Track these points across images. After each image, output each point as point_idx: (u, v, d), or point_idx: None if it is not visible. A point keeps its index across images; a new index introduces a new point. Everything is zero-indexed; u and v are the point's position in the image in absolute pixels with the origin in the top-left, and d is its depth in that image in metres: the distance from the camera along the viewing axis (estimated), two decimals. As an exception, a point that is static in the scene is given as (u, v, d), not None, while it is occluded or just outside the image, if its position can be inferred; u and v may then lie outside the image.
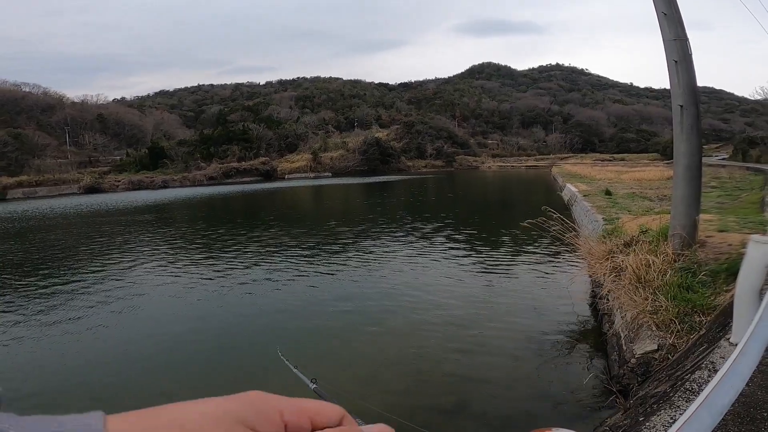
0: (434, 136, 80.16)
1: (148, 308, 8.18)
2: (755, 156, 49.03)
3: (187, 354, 6.22)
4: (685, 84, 5.52)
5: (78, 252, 14.43)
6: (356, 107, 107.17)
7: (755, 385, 2.35)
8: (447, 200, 27.91)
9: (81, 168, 60.48)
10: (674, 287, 4.58)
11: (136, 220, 22.22)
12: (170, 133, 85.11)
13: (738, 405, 2.15)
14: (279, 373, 3.84)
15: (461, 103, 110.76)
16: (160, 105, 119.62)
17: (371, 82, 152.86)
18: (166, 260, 12.18)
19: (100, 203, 34.26)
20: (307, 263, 11.18)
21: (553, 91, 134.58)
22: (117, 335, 6.90)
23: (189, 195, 38.63)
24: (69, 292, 9.34)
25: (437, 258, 11.12)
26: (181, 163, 61.67)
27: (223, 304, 8.28)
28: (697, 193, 5.55)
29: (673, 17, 5.75)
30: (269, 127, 76.71)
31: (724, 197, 15.08)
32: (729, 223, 7.77)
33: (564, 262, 9.69)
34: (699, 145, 5.61)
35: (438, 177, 53.64)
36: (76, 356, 6.16)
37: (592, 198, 15.68)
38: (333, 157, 69.45)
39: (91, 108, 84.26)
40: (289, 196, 35.74)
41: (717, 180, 22.63)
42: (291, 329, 7.05)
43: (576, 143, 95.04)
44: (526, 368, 5.34)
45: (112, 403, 4.85)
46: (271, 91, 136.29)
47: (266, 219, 20.80)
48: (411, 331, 6.62)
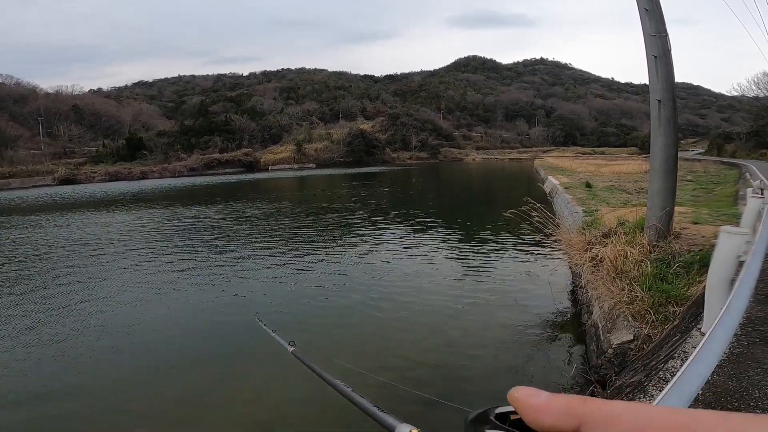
0: (419, 128, 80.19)
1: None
2: (730, 151, 50.54)
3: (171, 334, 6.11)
4: (663, 79, 5.58)
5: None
6: (341, 99, 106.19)
7: (726, 375, 2.38)
8: (431, 192, 27.96)
9: (56, 159, 58.61)
10: (649, 278, 4.66)
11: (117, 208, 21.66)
12: (149, 124, 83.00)
13: (709, 395, 2.17)
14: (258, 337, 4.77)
15: (446, 96, 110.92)
16: (139, 96, 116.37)
17: (357, 74, 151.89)
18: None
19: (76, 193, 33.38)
20: (288, 253, 11.07)
21: (537, 84, 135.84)
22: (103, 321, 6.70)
23: (167, 185, 37.87)
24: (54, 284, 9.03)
25: (419, 249, 11.13)
26: (160, 154, 60.30)
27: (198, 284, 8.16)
28: (673, 186, 5.64)
29: (654, 13, 5.79)
30: (252, 119, 75.54)
31: (699, 190, 15.48)
32: (703, 215, 7.96)
33: (545, 254, 9.80)
34: (675, 140, 5.69)
35: (422, 169, 53.74)
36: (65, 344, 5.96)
37: (572, 190, 15.90)
38: (317, 148, 68.89)
39: (66, 98, 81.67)
40: (273, 185, 35.30)
41: (692, 174, 23.23)
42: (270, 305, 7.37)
43: (558, 137, 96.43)
44: (506, 359, 5.38)
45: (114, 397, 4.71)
46: (255, 82, 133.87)
47: (247, 210, 20.51)
48: (388, 325, 6.61)
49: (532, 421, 0.30)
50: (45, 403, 4.73)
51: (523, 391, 0.31)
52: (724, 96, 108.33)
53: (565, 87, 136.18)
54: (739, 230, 2.75)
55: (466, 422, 0.33)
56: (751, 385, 2.31)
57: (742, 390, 2.25)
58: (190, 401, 4.72)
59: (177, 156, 60.45)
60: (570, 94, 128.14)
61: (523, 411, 0.30)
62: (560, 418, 0.29)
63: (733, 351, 2.63)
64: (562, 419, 0.28)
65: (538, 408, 0.30)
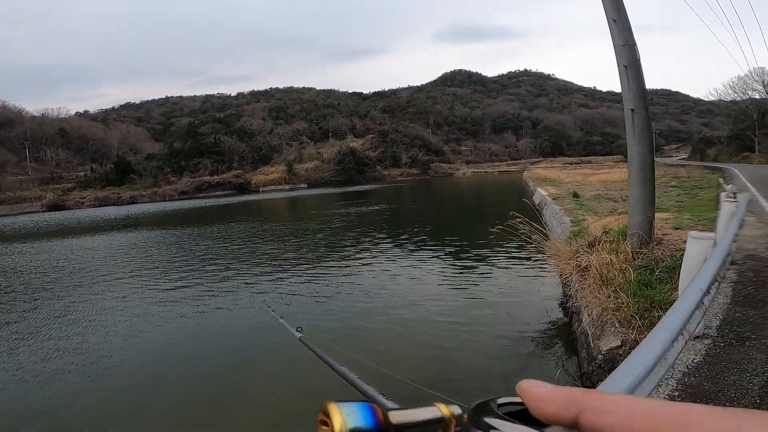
0: (409, 144, 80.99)
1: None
2: (713, 155, 51.78)
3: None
4: (635, 88, 5.75)
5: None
6: (330, 117, 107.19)
7: (702, 377, 2.46)
8: (423, 208, 28.14)
9: (43, 185, 58.10)
10: (633, 284, 4.78)
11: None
12: (137, 147, 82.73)
13: (686, 396, 2.25)
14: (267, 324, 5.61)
15: (434, 111, 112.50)
16: (126, 118, 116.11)
17: (345, 92, 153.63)
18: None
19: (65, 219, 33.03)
20: (289, 269, 11.07)
21: (522, 96, 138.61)
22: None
23: (158, 209, 37.65)
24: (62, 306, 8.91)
25: (412, 264, 11.19)
26: (150, 177, 60.05)
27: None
28: (651, 193, 5.80)
29: (621, 24, 5.96)
30: (242, 139, 75.73)
31: (683, 195, 15.81)
32: (684, 220, 8.16)
33: (536, 265, 9.92)
34: (651, 147, 5.89)
35: (414, 185, 54.11)
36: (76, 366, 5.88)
37: (560, 201, 16.15)
38: (308, 168, 69.12)
39: (53, 122, 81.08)
40: (265, 206, 35.27)
41: (677, 179, 23.68)
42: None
43: (545, 147, 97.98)
44: (500, 370, 5.42)
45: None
46: (243, 102, 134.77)
47: (243, 229, 20.46)
48: (381, 338, 6.63)
49: (536, 410, 0.32)
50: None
51: (529, 382, 0.34)
52: (703, 101, 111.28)
53: (550, 98, 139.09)
54: (704, 235, 2.88)
55: (470, 410, 0.35)
56: (728, 385, 2.39)
57: (719, 391, 2.34)
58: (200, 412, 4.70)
59: (167, 179, 60.24)
60: (555, 105, 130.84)
61: (529, 400, 0.33)
62: (561, 406, 0.31)
63: (709, 352, 2.72)
64: (563, 408, 0.31)
65: (542, 397, 0.32)
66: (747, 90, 50.08)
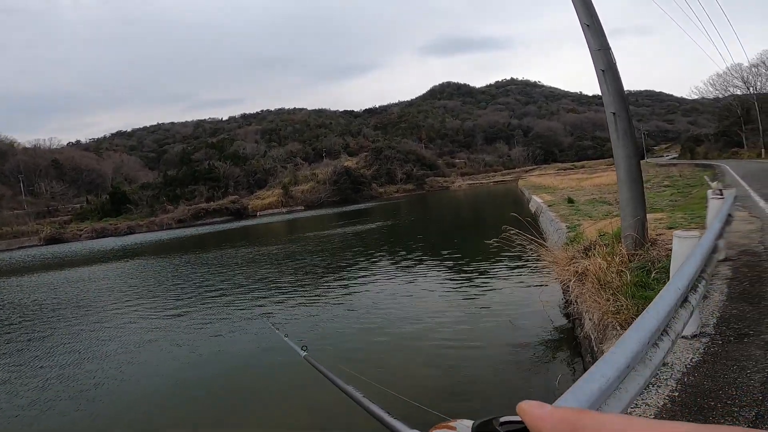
0: (403, 160, 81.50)
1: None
2: (702, 153, 52.43)
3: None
4: (614, 91, 5.84)
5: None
6: (323, 137, 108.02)
7: (702, 375, 2.48)
8: (421, 223, 28.21)
9: (39, 218, 57.92)
10: (631, 286, 4.81)
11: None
12: (132, 176, 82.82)
13: (686, 395, 2.27)
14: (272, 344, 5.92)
15: (426, 125, 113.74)
16: (119, 147, 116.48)
17: (336, 110, 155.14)
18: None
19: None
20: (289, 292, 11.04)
21: (512, 105, 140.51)
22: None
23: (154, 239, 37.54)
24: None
25: (413, 278, 11.19)
26: (146, 207, 60.06)
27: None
28: (640, 194, 5.86)
29: (595, 28, 5.99)
30: (236, 164, 76.05)
31: (676, 195, 15.95)
32: (678, 219, 8.24)
33: (535, 273, 9.93)
34: (635, 149, 5.97)
35: (411, 201, 54.26)
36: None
37: (556, 207, 16.26)
38: (304, 190, 69.25)
39: (45, 153, 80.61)
40: (264, 230, 35.25)
41: (670, 179, 23.90)
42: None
43: (538, 155, 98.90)
44: (506, 378, 5.40)
45: None
46: (235, 126, 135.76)
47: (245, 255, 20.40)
48: (384, 349, 6.62)
49: (535, 429, 0.34)
50: None
51: (529, 403, 0.36)
52: (687, 100, 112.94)
53: (538, 105, 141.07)
54: (689, 234, 2.93)
55: (473, 428, 0.37)
56: (728, 383, 2.40)
57: (719, 389, 2.35)
58: None
59: (163, 208, 60.25)
60: (543, 112, 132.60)
61: (528, 420, 0.35)
62: (557, 426, 0.33)
63: (708, 351, 2.75)
64: (559, 427, 0.33)
65: (540, 417, 0.34)
66: (728, 87, 51.13)
